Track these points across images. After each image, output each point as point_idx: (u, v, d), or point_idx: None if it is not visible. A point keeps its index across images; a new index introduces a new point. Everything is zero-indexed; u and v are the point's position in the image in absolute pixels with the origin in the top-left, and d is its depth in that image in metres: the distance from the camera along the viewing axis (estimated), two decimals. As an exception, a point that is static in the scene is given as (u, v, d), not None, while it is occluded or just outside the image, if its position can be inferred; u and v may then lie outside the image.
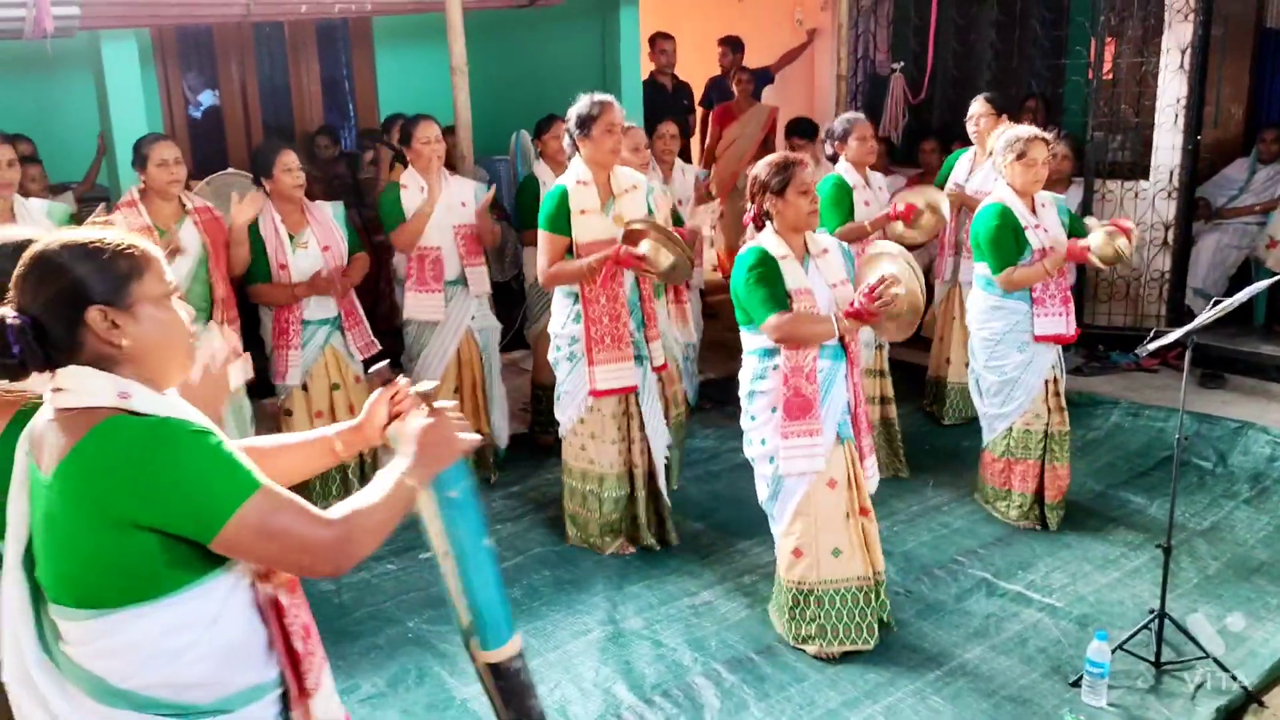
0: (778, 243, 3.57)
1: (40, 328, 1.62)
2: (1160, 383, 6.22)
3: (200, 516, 1.60)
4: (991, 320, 4.51)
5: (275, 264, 4.48)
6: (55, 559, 1.64)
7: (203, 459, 1.61)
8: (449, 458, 1.87)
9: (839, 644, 3.65)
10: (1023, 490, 4.59)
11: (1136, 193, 6.57)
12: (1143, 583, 4.08)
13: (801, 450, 3.54)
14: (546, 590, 4.13)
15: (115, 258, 1.65)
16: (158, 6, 4.62)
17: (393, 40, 7.45)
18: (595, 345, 4.19)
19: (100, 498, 1.58)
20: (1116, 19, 6.44)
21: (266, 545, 1.64)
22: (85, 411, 1.62)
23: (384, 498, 1.75)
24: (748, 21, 7.87)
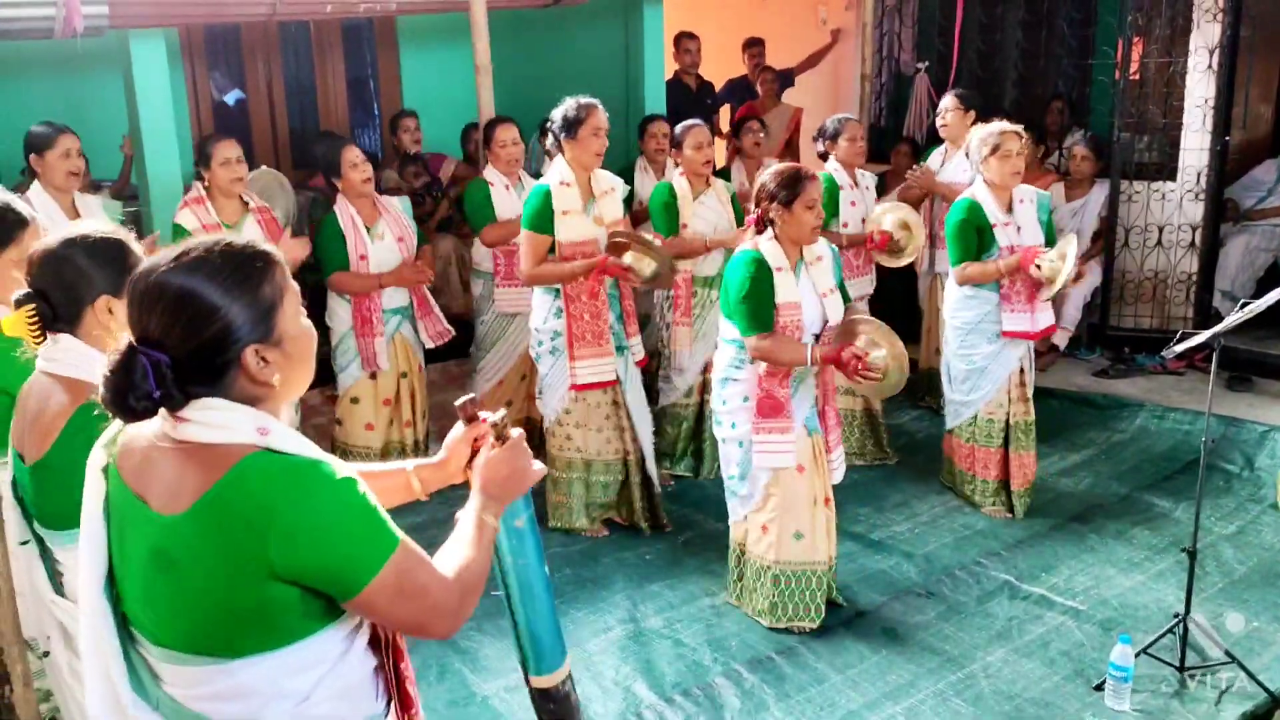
0: (775, 251, 3.66)
1: (180, 367, 1.49)
2: (1187, 385, 6.17)
3: (346, 575, 1.51)
4: (963, 310, 4.63)
5: (355, 255, 4.61)
6: (170, 603, 1.52)
7: (352, 512, 1.51)
8: (521, 489, 1.82)
9: (785, 620, 3.82)
10: (984, 477, 4.73)
11: (1164, 194, 6.51)
12: (1167, 586, 4.05)
13: (773, 446, 3.70)
14: (568, 588, 4.13)
15: (261, 285, 1.52)
16: (186, 6, 4.65)
17: (417, 39, 7.48)
18: (577, 341, 4.33)
19: (244, 545, 1.46)
20: (1144, 19, 6.38)
21: (400, 606, 1.55)
22: (220, 449, 1.50)
23: (477, 547, 1.68)
24: (772, 21, 7.86)
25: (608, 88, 6.69)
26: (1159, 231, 6.56)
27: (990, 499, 4.73)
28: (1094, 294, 6.70)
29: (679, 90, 7.18)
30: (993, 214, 4.48)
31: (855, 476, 5.14)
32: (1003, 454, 4.68)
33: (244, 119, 7.25)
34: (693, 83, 7.40)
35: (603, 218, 4.37)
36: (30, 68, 5.92)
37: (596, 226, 4.34)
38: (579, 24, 6.70)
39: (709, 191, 5.03)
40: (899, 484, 5.06)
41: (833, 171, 5.26)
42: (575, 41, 6.91)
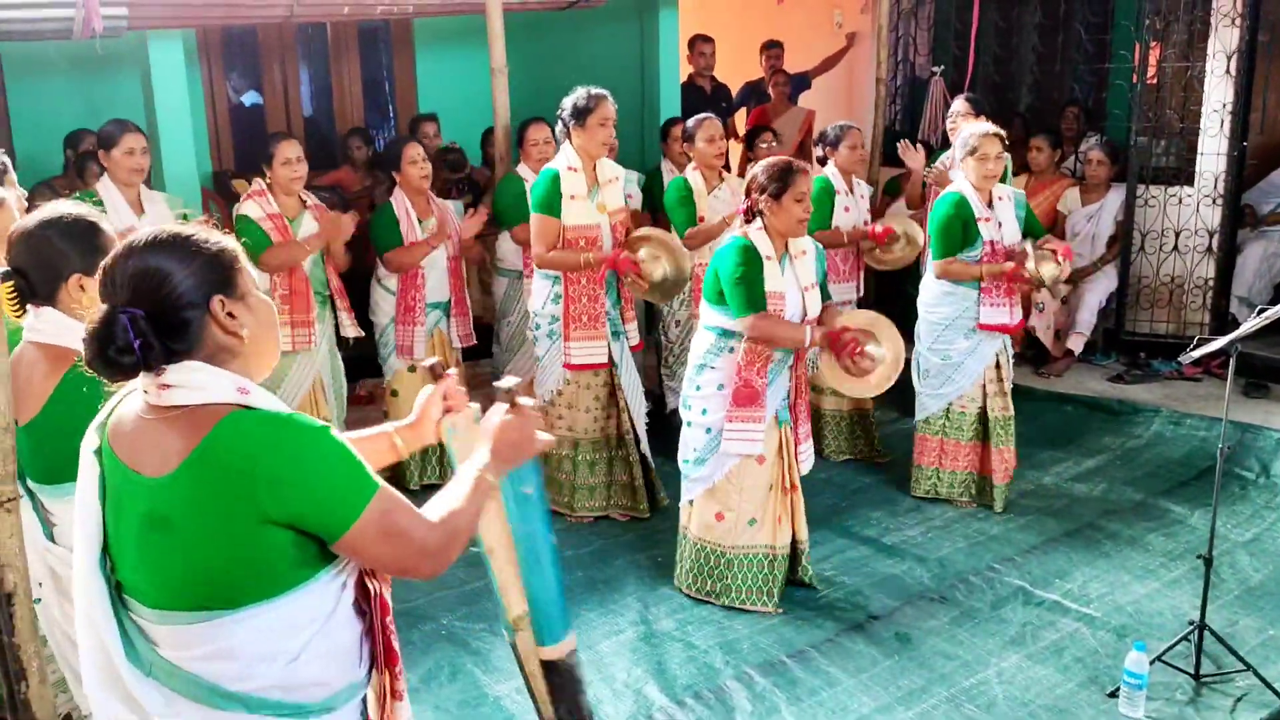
0: (764, 241, 3.75)
1: (155, 324, 1.57)
2: (1203, 391, 6.13)
3: (334, 514, 1.58)
4: (941, 305, 4.69)
5: (407, 242, 4.85)
6: (163, 563, 1.59)
7: (334, 455, 1.60)
8: (527, 455, 1.90)
9: (740, 602, 3.95)
10: (952, 469, 4.83)
11: (1180, 199, 6.48)
12: (1182, 593, 4.03)
13: (743, 434, 3.79)
14: (579, 590, 4.13)
15: (222, 251, 1.64)
16: (204, 7, 4.68)
17: (433, 41, 7.50)
18: (573, 323, 4.50)
19: (236, 494, 1.54)
20: (1162, 23, 6.36)
21: (384, 546, 1.63)
22: (199, 409, 1.58)
23: (470, 496, 1.76)
24: (787, 24, 7.85)
25: (623, 90, 6.67)
26: (1175, 236, 6.53)
27: (958, 490, 4.83)
28: (1109, 299, 6.67)
29: (694, 93, 7.19)
30: (978, 209, 4.57)
31: (867, 480, 5.15)
32: (977, 447, 4.79)
33: (260, 120, 7.28)
34: (707, 86, 7.41)
35: (605, 205, 4.51)
36: (50, 68, 5.96)
37: (600, 213, 4.47)
38: (594, 27, 6.71)
39: (723, 185, 5.11)
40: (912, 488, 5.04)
41: (830, 176, 5.32)
42: (590, 44, 6.92)
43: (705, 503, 3.96)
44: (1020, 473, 5.20)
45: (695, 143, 5.03)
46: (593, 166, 4.49)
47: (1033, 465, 5.30)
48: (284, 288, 4.53)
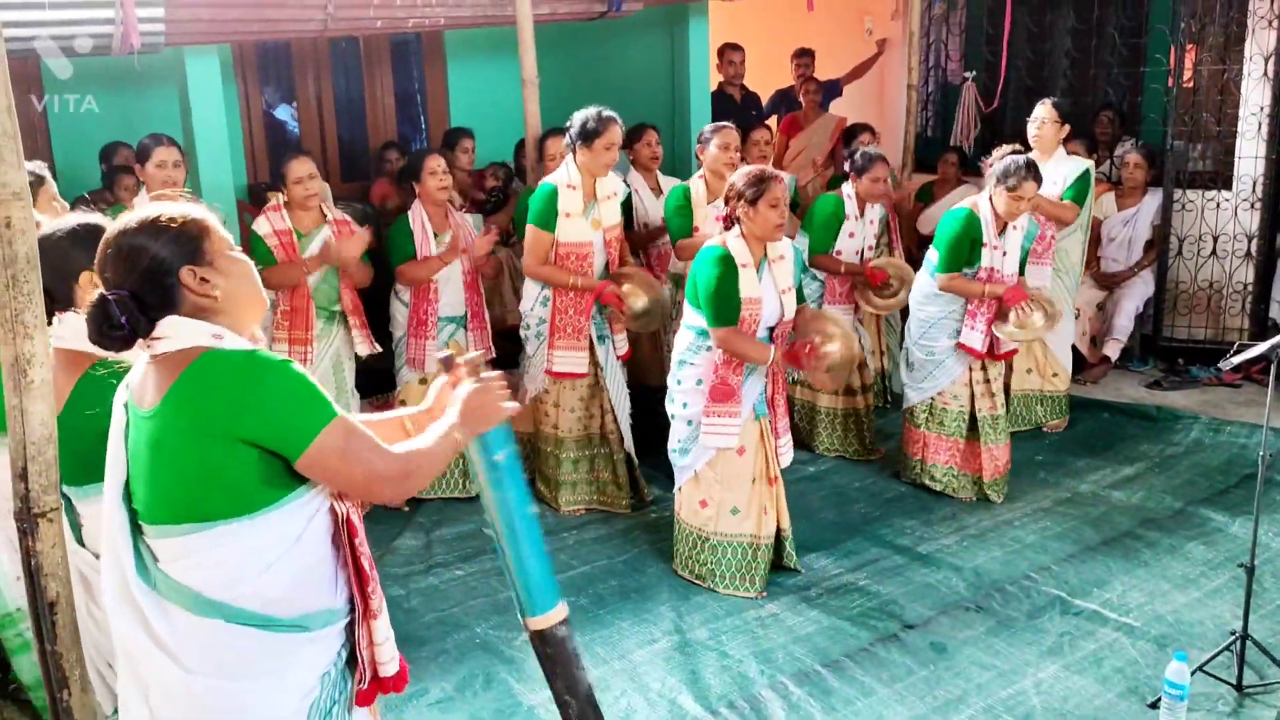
0: (742, 248, 3.91)
1: (138, 298, 1.83)
2: (1243, 398, 6.05)
3: (291, 433, 1.81)
4: (929, 304, 4.87)
5: (421, 255, 4.82)
6: (158, 480, 1.84)
7: (292, 383, 1.82)
8: (491, 420, 2.05)
9: (725, 588, 4.13)
10: (933, 461, 4.99)
11: (1219, 203, 6.41)
12: (1223, 603, 3.97)
13: (720, 428, 3.99)
14: (613, 599, 4.14)
15: (186, 225, 1.88)
16: (239, 23, 4.73)
17: (464, 53, 7.55)
18: (557, 332, 4.68)
19: (206, 415, 1.78)
20: (1197, 26, 6.30)
21: (342, 468, 1.85)
22: (182, 352, 1.83)
23: (435, 443, 1.97)
24: (818, 32, 7.83)
25: (653, 100, 6.72)
26: (1214, 241, 6.46)
27: (941, 483, 4.97)
28: (1146, 304, 6.60)
29: (724, 102, 7.18)
30: (987, 233, 4.70)
31: (900, 490, 5.12)
32: (959, 444, 4.91)
33: (294, 133, 7.35)
34: (738, 94, 7.40)
35: (600, 221, 4.66)
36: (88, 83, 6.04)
37: (594, 230, 4.63)
38: (625, 36, 6.73)
39: None
40: (945, 497, 5.01)
41: (846, 199, 5.37)
42: (621, 54, 6.94)
43: (691, 490, 4.17)
44: (1057, 479, 5.17)
45: (709, 147, 5.01)
46: (593, 183, 4.62)
47: (1069, 473, 5.25)
48: (285, 304, 4.57)
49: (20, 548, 2.28)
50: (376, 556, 4.44)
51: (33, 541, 2.25)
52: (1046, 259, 5.54)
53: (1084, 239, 5.74)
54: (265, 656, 1.88)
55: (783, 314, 4.03)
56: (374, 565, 2.01)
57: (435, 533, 4.69)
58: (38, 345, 2.20)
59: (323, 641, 1.94)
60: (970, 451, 4.94)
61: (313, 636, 1.92)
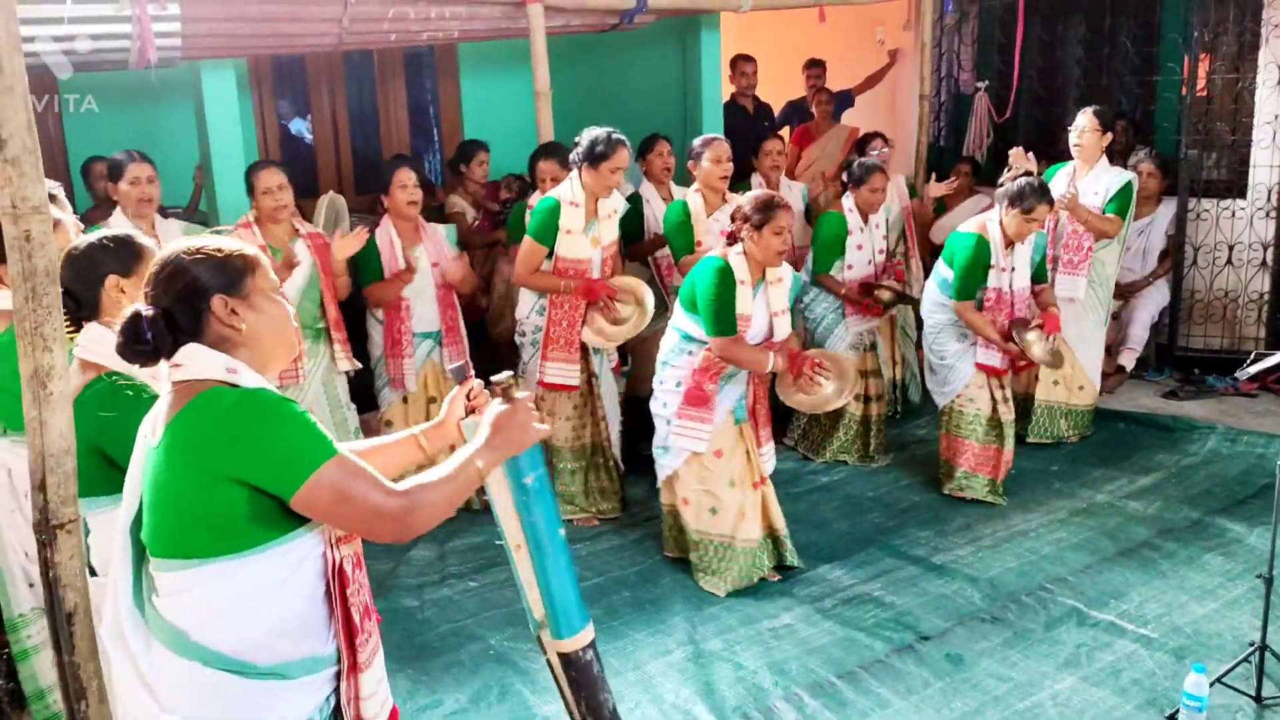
0: (742, 265, 4.01)
1: (170, 317, 1.84)
2: (1260, 408, 6.02)
3: (283, 473, 1.76)
4: (937, 313, 5.06)
5: (389, 273, 4.72)
6: (156, 512, 1.82)
7: (288, 422, 1.78)
8: (521, 443, 2.00)
9: (703, 581, 4.28)
10: (952, 463, 5.09)
11: (1234, 211, 6.38)
12: (1241, 614, 3.94)
13: (690, 431, 4.13)
14: (626, 610, 4.13)
15: (231, 258, 1.89)
16: (255, 37, 4.77)
17: (478, 66, 7.59)
18: (551, 344, 4.73)
19: (197, 451, 1.76)
20: (1210, 34, 6.28)
21: (339, 507, 1.79)
22: (194, 383, 1.82)
23: (449, 474, 1.89)
24: (830, 42, 7.84)
25: (665, 111, 6.74)
26: (1229, 250, 6.43)
27: (955, 483, 5.08)
28: (1161, 314, 6.58)
29: (736, 113, 7.20)
30: (995, 256, 4.81)
31: (915, 499, 5.11)
32: (980, 448, 5.02)
33: (309, 146, 7.40)
34: (750, 105, 7.42)
35: (599, 239, 4.70)
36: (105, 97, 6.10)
37: (593, 247, 4.67)
38: (637, 48, 6.75)
39: (725, 207, 5.01)
40: (961, 506, 5.00)
41: (846, 213, 5.38)
42: (633, 65, 6.96)
43: (673, 487, 4.33)
44: (1073, 490, 5.15)
45: (701, 162, 4.98)
46: (595, 202, 4.64)
47: (1085, 483, 5.23)
48: None
49: (39, 559, 2.30)
50: (389, 568, 4.50)
51: (51, 553, 2.26)
52: (1082, 270, 5.50)
53: (1120, 250, 5.70)
54: (242, 703, 1.82)
55: (771, 334, 4.15)
56: (370, 615, 1.96)
57: (449, 544, 4.70)
58: (57, 358, 2.22)
59: (306, 689, 1.88)
60: (986, 454, 5.03)
61: (294, 685, 1.86)
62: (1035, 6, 7.00)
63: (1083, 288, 5.52)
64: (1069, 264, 5.47)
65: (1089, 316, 5.64)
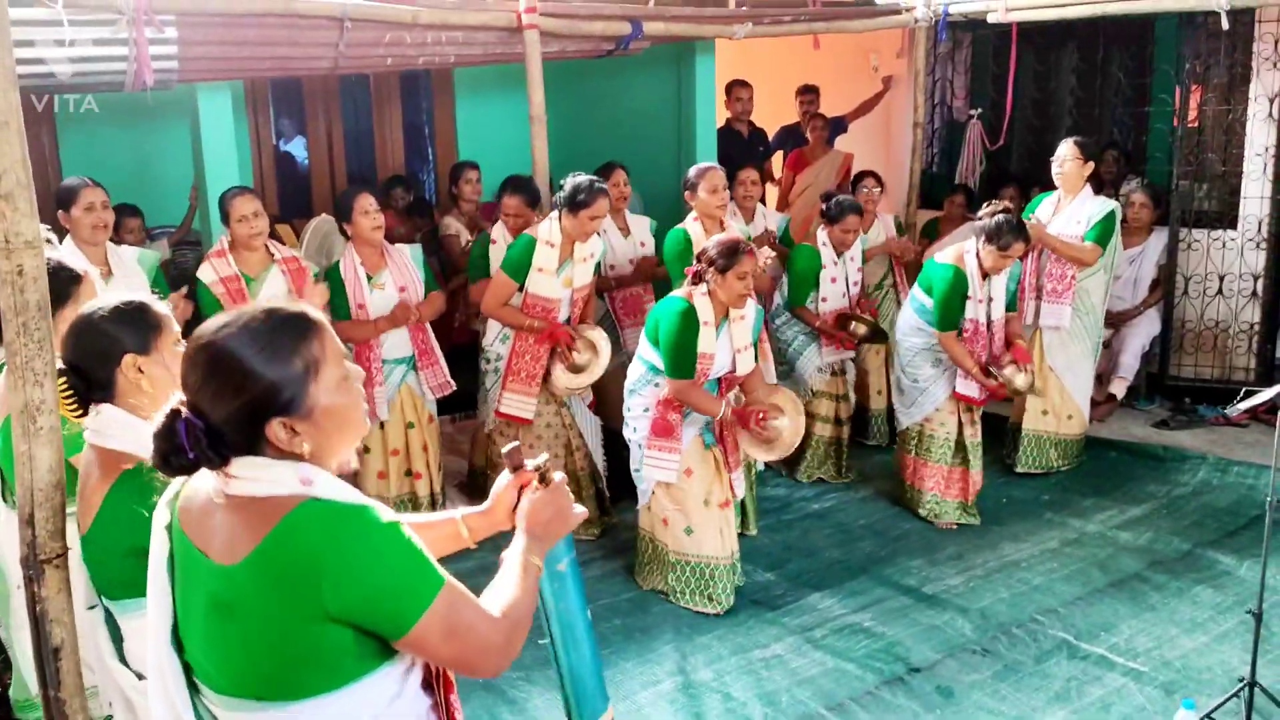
0: (706, 306, 4.11)
1: (216, 432, 1.56)
2: (1250, 438, 6.04)
3: (394, 615, 1.55)
4: (913, 337, 5.12)
5: (354, 304, 4.63)
6: (225, 649, 1.58)
7: (398, 554, 1.56)
8: (562, 531, 1.86)
9: (680, 602, 4.33)
10: (919, 488, 5.16)
11: (1224, 242, 6.42)
12: (1231, 648, 3.94)
13: (658, 461, 4.24)
14: (617, 639, 4.12)
15: (294, 355, 1.57)
16: (252, 60, 4.77)
17: (473, 88, 7.62)
18: (511, 375, 4.79)
19: (298, 590, 1.51)
20: (1202, 66, 6.33)
21: (447, 645, 1.59)
22: (267, 500, 1.56)
23: (519, 583, 1.72)
24: (824, 68, 7.89)
25: (660, 135, 6.76)
26: (1220, 280, 6.46)
27: (925, 508, 5.15)
28: (1152, 343, 6.60)
29: (731, 138, 7.23)
30: (972, 287, 4.90)
31: (906, 527, 5.11)
32: (949, 470, 5.11)
33: (304, 166, 7.41)
34: (744, 130, 7.45)
35: (572, 280, 4.74)
36: (101, 118, 6.10)
37: (564, 288, 4.72)
38: (632, 73, 6.78)
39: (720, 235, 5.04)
40: (952, 534, 5.00)
41: (820, 246, 5.44)
42: (628, 90, 6.99)
43: (655, 509, 4.39)
44: (1064, 520, 5.16)
45: (698, 192, 4.98)
46: (571, 245, 4.68)
47: (1076, 513, 5.23)
48: None
49: (25, 593, 2.28)
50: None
51: (38, 588, 2.25)
52: (1066, 299, 5.53)
53: (1107, 279, 5.70)
54: None
55: (733, 370, 4.26)
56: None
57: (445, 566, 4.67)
58: (47, 392, 2.21)
59: None
60: (955, 476, 5.13)
61: None
62: (1028, 36, 7.05)
63: (1068, 316, 5.54)
64: (1053, 293, 5.51)
65: (1076, 345, 5.66)
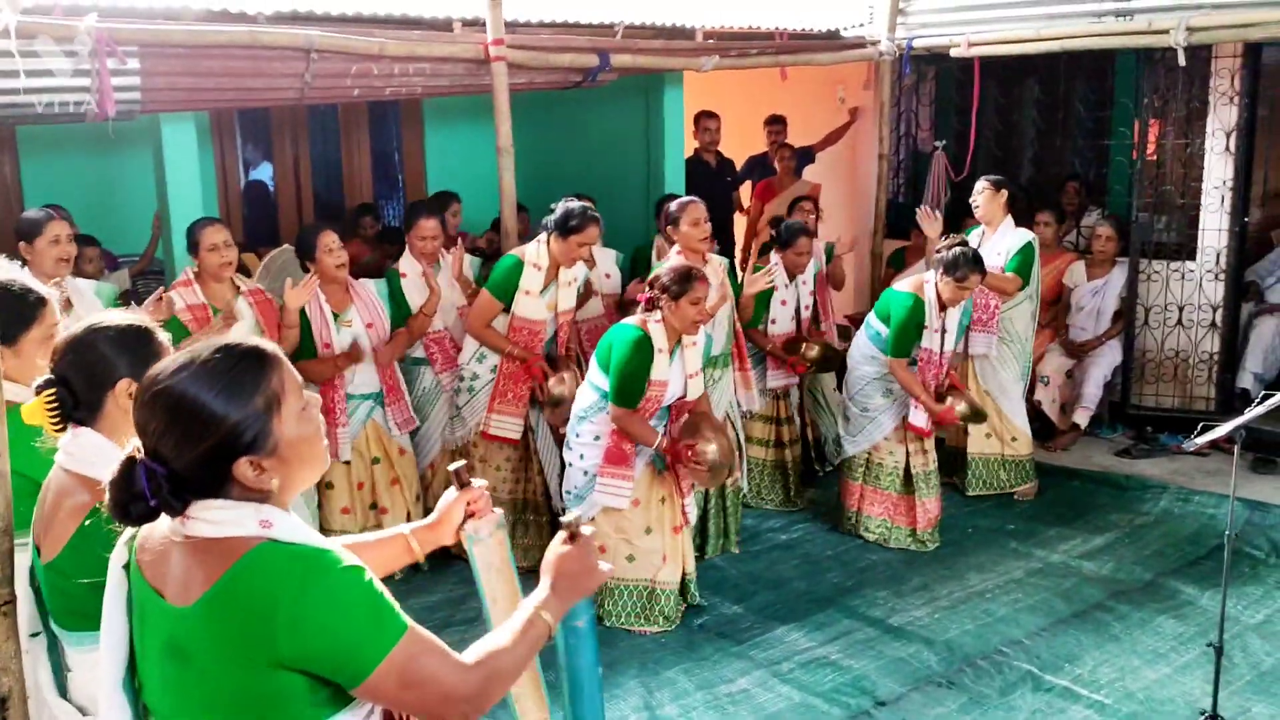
0: (660, 333, 4.18)
1: (179, 477, 1.52)
2: (1211, 466, 6.10)
3: (350, 664, 1.51)
4: (865, 365, 5.19)
5: (320, 342, 4.57)
6: (185, 693, 1.55)
7: (356, 600, 1.52)
8: (589, 589, 1.81)
9: (620, 624, 4.41)
10: (868, 514, 5.27)
11: (1183, 273, 6.51)
12: (1193, 679, 3.97)
13: (612, 489, 4.26)
14: (582, 673, 4.08)
15: (255, 393, 1.54)
16: (216, 91, 4.73)
17: (442, 118, 7.62)
18: (499, 397, 4.79)
19: (250, 634, 1.48)
20: (1160, 101, 6.44)
21: (407, 693, 1.55)
22: (224, 541, 1.53)
23: (518, 635, 1.68)
24: (791, 100, 7.96)
25: (628, 166, 6.79)
26: (1179, 311, 6.55)
27: (874, 533, 5.24)
28: (1114, 373, 6.67)
29: (699, 168, 7.27)
30: (929, 317, 4.98)
31: (873, 558, 5.11)
32: (892, 497, 5.19)
33: (271, 195, 7.37)
34: (713, 160, 7.49)
35: (556, 304, 4.79)
36: (62, 146, 6.05)
37: (548, 311, 4.77)
38: (601, 104, 6.81)
39: (707, 267, 5.02)
40: (918, 566, 5.01)
41: (776, 271, 5.55)
42: (598, 120, 7.02)
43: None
44: (1028, 549, 5.19)
45: (680, 226, 4.96)
46: (556, 268, 4.73)
47: (1040, 543, 5.27)
48: None
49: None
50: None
51: (-13, 633, 2.19)
52: (991, 327, 5.69)
53: (1033, 308, 5.85)
54: None
55: (685, 395, 4.35)
56: None
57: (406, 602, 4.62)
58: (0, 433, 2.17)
59: None
60: (905, 505, 5.19)
61: None
62: (991, 70, 7.15)
63: (993, 344, 5.72)
64: (978, 321, 5.65)
65: (1006, 371, 5.83)
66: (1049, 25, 6.26)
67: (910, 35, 6.84)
